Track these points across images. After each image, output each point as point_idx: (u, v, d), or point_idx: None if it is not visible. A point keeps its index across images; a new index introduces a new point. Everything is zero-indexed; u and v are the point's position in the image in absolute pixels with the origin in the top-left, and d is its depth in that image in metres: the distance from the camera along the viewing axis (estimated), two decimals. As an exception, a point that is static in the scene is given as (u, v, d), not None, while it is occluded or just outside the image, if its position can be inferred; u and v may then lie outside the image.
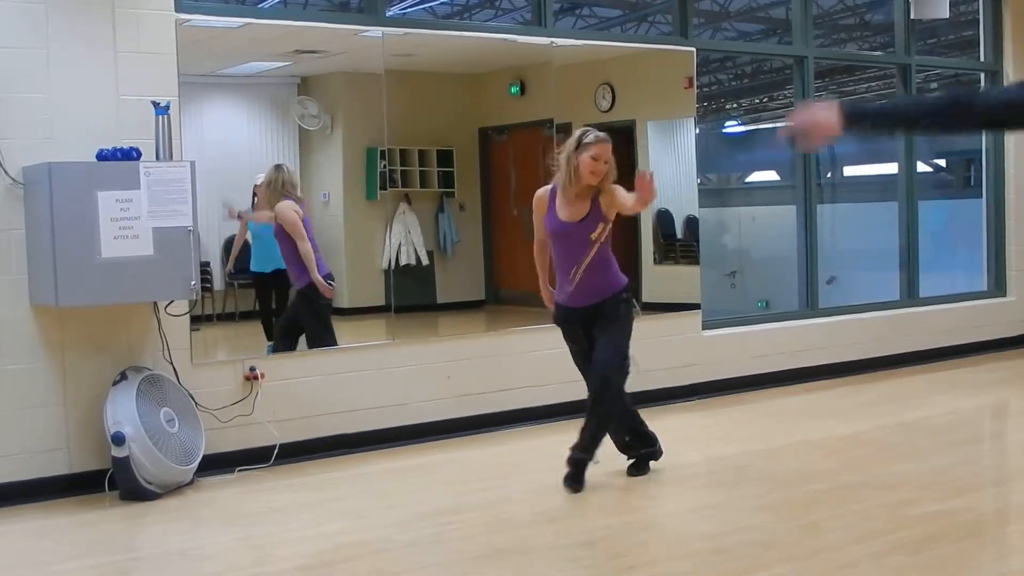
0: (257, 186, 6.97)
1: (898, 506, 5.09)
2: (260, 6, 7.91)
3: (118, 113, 5.76)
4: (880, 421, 7.20)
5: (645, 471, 5.78)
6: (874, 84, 14.38)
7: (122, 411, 5.51)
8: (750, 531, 4.78)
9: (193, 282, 5.55)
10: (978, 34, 10.27)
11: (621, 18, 12.00)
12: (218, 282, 7.19)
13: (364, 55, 7.15)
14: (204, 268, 6.35)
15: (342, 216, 7.80)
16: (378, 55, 7.00)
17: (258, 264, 7.21)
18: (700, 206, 8.69)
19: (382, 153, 7.54)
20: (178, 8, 6.02)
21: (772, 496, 5.39)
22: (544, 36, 7.57)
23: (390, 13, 7.17)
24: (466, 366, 7.05)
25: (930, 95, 2.78)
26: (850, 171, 15.81)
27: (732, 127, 16.83)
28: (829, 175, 15.04)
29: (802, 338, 8.82)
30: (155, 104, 5.61)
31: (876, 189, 13.38)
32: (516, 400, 7.19)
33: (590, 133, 5.46)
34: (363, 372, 6.69)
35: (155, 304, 5.81)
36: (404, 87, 7.49)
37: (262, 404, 6.24)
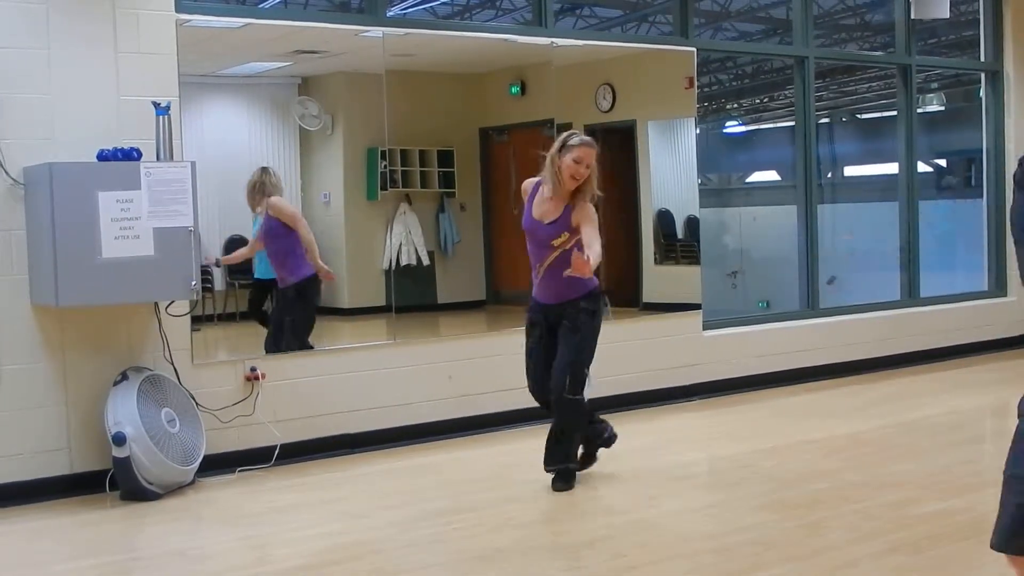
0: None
1: (899, 506, 5.10)
2: (260, 6, 7.91)
3: (119, 113, 5.77)
4: (881, 421, 7.21)
5: (593, 460, 5.84)
6: (874, 84, 14.38)
7: (123, 411, 5.51)
8: (751, 531, 4.78)
9: (194, 282, 5.55)
10: (978, 34, 10.27)
11: (621, 18, 12.00)
12: (219, 282, 7.18)
13: (365, 55, 7.15)
14: (205, 268, 6.35)
15: (343, 216, 7.79)
16: (379, 55, 7.00)
17: (262, 271, 7.19)
18: (701, 206, 8.69)
19: (383, 153, 7.54)
20: (178, 8, 6.03)
21: (773, 496, 5.39)
22: (544, 36, 7.57)
23: (391, 13, 7.17)
24: (467, 366, 7.05)
25: None
26: (850, 171, 15.81)
27: (733, 127, 16.83)
28: (830, 175, 15.04)
29: (803, 338, 8.82)
30: (155, 104, 5.61)
31: (877, 189, 13.37)
32: (517, 400, 7.14)
33: (575, 136, 5.39)
34: (364, 372, 6.69)
35: (156, 304, 5.81)
36: (405, 87, 7.49)
37: (263, 404, 6.24)
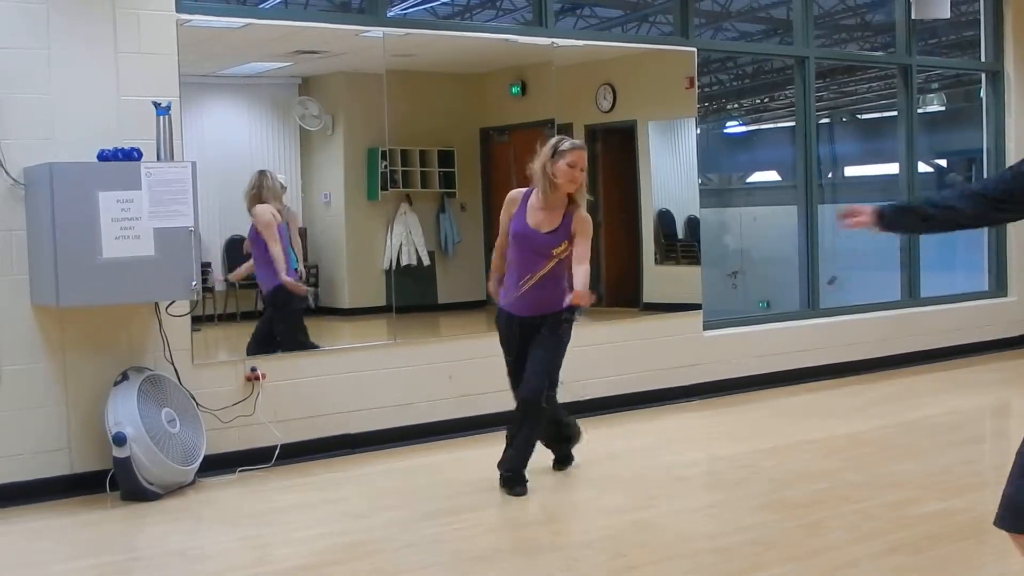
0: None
1: (899, 506, 5.10)
2: (261, 6, 7.91)
3: (119, 113, 5.77)
4: (881, 421, 7.20)
5: (568, 462, 5.94)
6: (875, 84, 14.37)
7: (123, 411, 5.51)
8: (751, 531, 4.78)
9: (194, 282, 5.56)
10: (979, 34, 10.27)
11: (622, 18, 11.99)
12: (219, 282, 7.18)
13: (365, 55, 7.15)
14: (205, 268, 6.35)
15: (343, 216, 7.80)
16: (379, 55, 7.00)
17: None
18: (701, 206, 8.68)
19: (383, 153, 7.54)
20: (179, 8, 6.03)
21: (773, 496, 5.39)
22: (545, 36, 7.57)
23: (391, 13, 7.17)
24: (467, 366, 7.05)
25: (946, 193, 2.87)
26: (851, 171, 15.81)
27: (733, 127, 16.82)
28: (830, 175, 15.03)
29: (803, 338, 8.82)
30: (156, 104, 5.61)
31: (877, 189, 13.37)
32: (517, 400, 7.19)
33: (565, 140, 5.43)
34: (364, 372, 6.69)
35: (156, 304, 5.81)
36: (405, 87, 7.49)
37: (263, 404, 6.24)
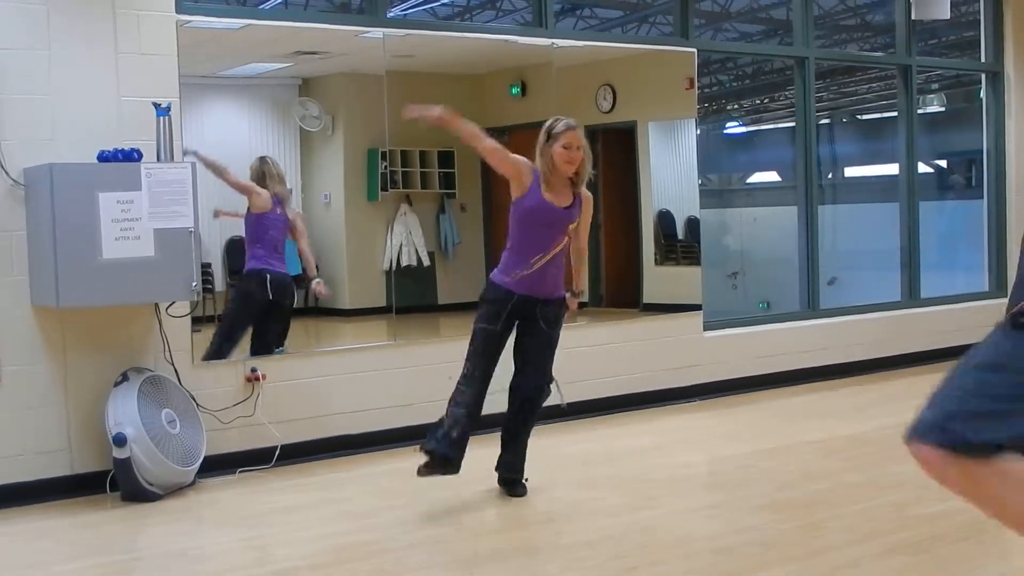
0: None
1: (899, 506, 5.09)
2: (261, 7, 7.91)
3: (119, 114, 5.76)
4: (881, 421, 7.19)
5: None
6: (875, 85, 14.38)
7: (123, 412, 5.51)
8: (751, 531, 4.78)
9: (194, 283, 5.56)
10: (979, 35, 10.27)
11: (622, 19, 12.00)
12: (219, 283, 7.18)
13: (365, 56, 7.15)
14: (205, 269, 6.35)
15: (343, 217, 7.80)
16: (379, 56, 7.00)
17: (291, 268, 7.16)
18: (701, 207, 8.68)
19: (383, 154, 7.54)
20: (179, 9, 6.02)
21: (773, 496, 5.39)
22: (545, 37, 7.57)
23: (391, 14, 7.17)
24: (467, 367, 7.03)
25: None
26: (851, 172, 15.81)
27: (733, 128, 16.82)
28: (830, 176, 15.04)
29: (803, 339, 8.82)
30: (156, 105, 5.61)
31: (877, 190, 13.37)
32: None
33: (560, 122, 5.32)
34: (364, 373, 6.69)
35: (156, 305, 5.81)
36: (405, 88, 7.48)
37: (263, 405, 6.24)
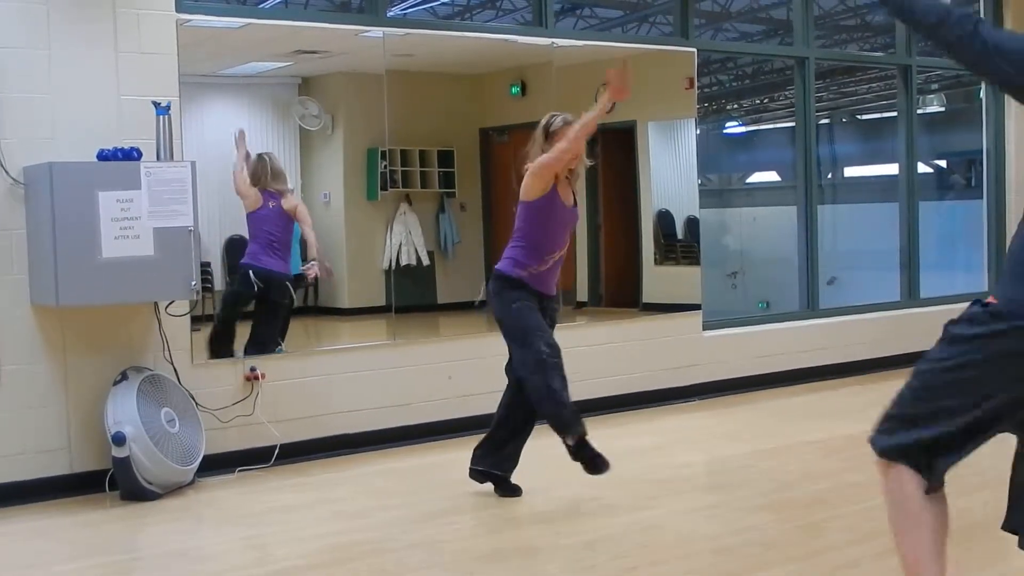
0: None
1: (899, 506, 5.08)
2: (261, 6, 7.91)
3: (119, 113, 5.76)
4: (881, 422, 7.19)
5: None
6: (875, 85, 14.38)
7: (123, 411, 5.51)
8: (751, 531, 4.78)
9: (194, 282, 5.55)
10: (979, 35, 10.26)
11: (622, 19, 12.01)
12: (219, 282, 7.18)
13: (365, 55, 7.15)
14: (205, 268, 6.34)
15: (343, 216, 7.80)
16: (379, 55, 7.00)
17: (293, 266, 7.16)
18: (701, 207, 8.68)
19: (383, 153, 7.53)
20: (179, 8, 6.02)
21: (773, 496, 5.39)
22: (545, 37, 7.57)
23: (391, 13, 7.17)
24: (467, 366, 7.04)
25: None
26: (851, 172, 15.82)
27: (733, 128, 16.85)
28: (830, 176, 15.05)
29: (803, 339, 8.82)
30: (156, 104, 5.61)
31: (877, 190, 13.38)
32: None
33: (556, 118, 5.32)
34: (364, 372, 6.69)
35: (156, 304, 5.81)
36: (405, 87, 7.49)
37: (263, 404, 6.24)
